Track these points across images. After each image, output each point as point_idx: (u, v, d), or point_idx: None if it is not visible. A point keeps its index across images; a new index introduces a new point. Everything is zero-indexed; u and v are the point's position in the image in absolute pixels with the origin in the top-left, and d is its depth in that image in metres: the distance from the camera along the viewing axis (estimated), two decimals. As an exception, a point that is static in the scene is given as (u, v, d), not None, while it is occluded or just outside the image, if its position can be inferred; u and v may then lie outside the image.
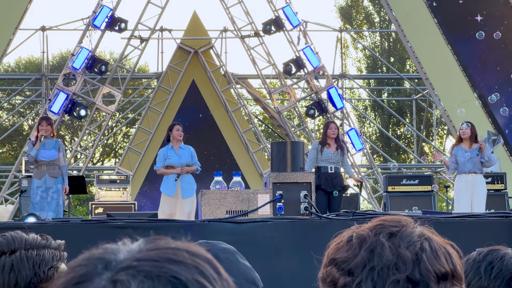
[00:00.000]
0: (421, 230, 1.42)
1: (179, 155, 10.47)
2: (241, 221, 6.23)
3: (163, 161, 10.48)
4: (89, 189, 25.79)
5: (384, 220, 1.42)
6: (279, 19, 17.95)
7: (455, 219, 6.49)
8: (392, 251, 1.35)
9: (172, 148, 10.54)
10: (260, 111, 29.87)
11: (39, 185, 10.54)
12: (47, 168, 10.58)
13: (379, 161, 29.34)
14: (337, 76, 21.03)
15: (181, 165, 10.38)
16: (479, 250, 2.26)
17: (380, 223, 1.41)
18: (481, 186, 10.54)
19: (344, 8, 33.86)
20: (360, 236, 1.38)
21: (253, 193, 7.40)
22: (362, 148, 17.77)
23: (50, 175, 10.57)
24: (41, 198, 10.51)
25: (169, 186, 10.37)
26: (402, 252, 1.35)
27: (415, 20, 16.48)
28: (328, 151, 10.47)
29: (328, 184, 10.24)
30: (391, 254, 1.35)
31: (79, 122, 30.37)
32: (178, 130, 10.59)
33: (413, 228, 1.41)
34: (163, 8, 18.28)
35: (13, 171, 17.25)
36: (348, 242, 1.38)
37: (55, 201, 10.54)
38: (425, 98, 22.49)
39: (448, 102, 16.26)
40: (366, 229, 1.40)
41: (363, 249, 1.36)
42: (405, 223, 1.42)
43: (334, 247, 1.40)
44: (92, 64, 17.01)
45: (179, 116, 18.12)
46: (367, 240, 1.37)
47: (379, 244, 1.36)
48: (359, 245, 1.37)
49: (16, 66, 33.79)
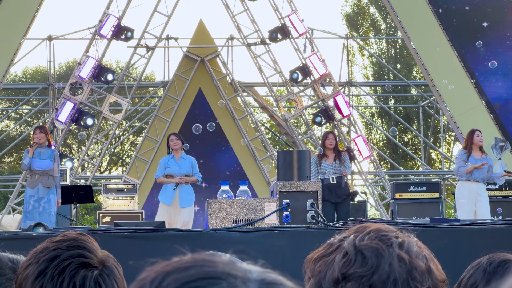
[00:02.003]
0: (415, 239, 1.41)
1: (179, 165, 10.50)
2: (248, 230, 6.22)
3: (163, 170, 10.52)
4: (96, 198, 25.81)
5: (380, 229, 1.39)
6: (285, 27, 17.95)
7: (463, 227, 6.47)
8: (410, 263, 1.33)
9: (173, 158, 10.57)
10: (267, 119, 29.86)
11: (32, 194, 10.48)
12: (41, 178, 10.50)
13: (386, 168, 29.28)
14: (343, 83, 21.01)
15: (180, 175, 10.40)
16: (490, 259, 2.22)
17: (381, 232, 1.38)
18: (484, 193, 10.55)
19: (350, 15, 33.86)
20: (371, 248, 1.34)
21: (259, 202, 7.39)
22: (369, 155, 17.75)
23: (44, 185, 10.49)
24: (33, 207, 10.44)
25: (167, 195, 10.41)
26: (416, 263, 1.33)
27: (421, 26, 16.45)
28: (325, 163, 10.57)
29: (332, 194, 10.28)
30: (410, 266, 1.32)
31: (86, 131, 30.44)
32: (172, 141, 10.67)
33: (409, 236, 1.40)
34: (169, 17, 18.30)
35: (21, 181, 17.26)
36: (359, 254, 1.34)
37: (47, 211, 10.46)
38: (432, 105, 22.45)
39: (455, 109, 16.23)
40: (369, 239, 1.36)
41: (383, 262, 1.32)
42: (396, 231, 1.40)
43: (341, 261, 1.36)
44: (98, 73, 17.02)
45: (186, 125, 18.12)
46: (383, 253, 1.34)
47: (396, 256, 1.33)
48: (377, 258, 1.34)
49: (23, 76, 33.87)
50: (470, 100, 16.10)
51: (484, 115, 15.95)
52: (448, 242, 6.30)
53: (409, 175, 24.54)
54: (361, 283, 1.31)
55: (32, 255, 1.81)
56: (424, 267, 1.33)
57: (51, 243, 1.82)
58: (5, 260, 2.11)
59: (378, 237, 1.36)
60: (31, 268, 1.77)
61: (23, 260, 1.88)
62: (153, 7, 18.15)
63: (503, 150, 14.54)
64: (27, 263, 1.79)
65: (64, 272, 1.77)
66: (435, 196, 13.42)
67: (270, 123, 29.22)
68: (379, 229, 1.39)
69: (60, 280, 1.76)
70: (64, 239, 1.82)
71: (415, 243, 1.38)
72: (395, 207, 13.24)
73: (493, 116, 15.96)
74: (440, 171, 22.43)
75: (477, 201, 10.42)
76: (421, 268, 1.33)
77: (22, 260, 1.99)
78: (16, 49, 16.57)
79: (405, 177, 24.59)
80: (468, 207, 10.42)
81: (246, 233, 6.12)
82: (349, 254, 1.34)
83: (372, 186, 18.94)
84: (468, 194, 10.47)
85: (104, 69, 17.38)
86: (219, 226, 7.22)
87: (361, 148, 17.59)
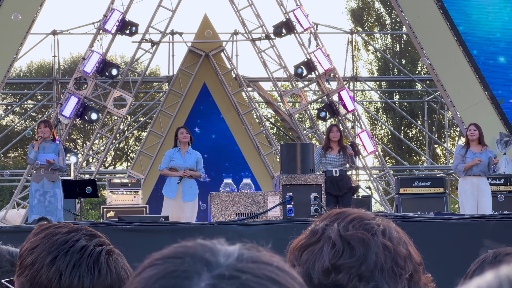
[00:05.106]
0: (393, 224, 1.44)
1: (184, 159, 10.48)
2: (251, 224, 6.21)
3: (167, 162, 10.50)
4: (100, 192, 25.84)
5: (361, 217, 1.41)
6: (290, 22, 17.92)
7: (467, 221, 6.45)
8: (394, 250, 1.35)
9: (179, 151, 10.55)
10: (272, 114, 29.86)
11: (37, 188, 10.48)
12: (46, 172, 10.50)
13: (391, 163, 29.25)
14: (348, 78, 20.98)
15: (184, 169, 10.38)
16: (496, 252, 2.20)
17: (364, 220, 1.40)
18: (486, 188, 10.52)
19: (355, 10, 33.80)
20: (358, 238, 1.36)
21: (263, 195, 7.38)
22: (373, 150, 17.72)
23: (48, 179, 10.49)
24: (38, 201, 10.44)
25: (171, 189, 10.40)
26: (399, 250, 1.36)
27: (426, 21, 16.42)
28: (330, 155, 10.57)
29: (334, 187, 10.27)
30: (394, 253, 1.35)
31: (90, 126, 30.45)
32: (182, 133, 10.62)
33: (388, 222, 1.43)
34: (173, 12, 18.28)
35: (25, 175, 17.27)
36: (346, 244, 1.36)
37: (54, 205, 10.46)
38: (437, 100, 22.41)
39: (460, 104, 16.19)
40: (354, 228, 1.38)
41: (370, 252, 1.35)
42: (376, 217, 1.43)
43: (331, 253, 1.37)
44: (103, 68, 17.02)
45: (190, 119, 18.13)
46: (369, 243, 1.35)
47: (381, 244, 1.36)
48: (364, 248, 1.35)
49: (27, 71, 33.90)
50: (475, 95, 16.06)
51: (489, 110, 15.92)
52: (453, 236, 6.29)
53: (413, 170, 24.50)
54: (350, 274, 1.34)
55: (47, 247, 1.76)
56: (405, 252, 1.37)
57: (61, 235, 1.78)
58: (3, 253, 2.09)
59: (362, 226, 1.39)
60: (59, 262, 1.73)
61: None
62: (157, 2, 18.14)
63: (508, 145, 14.52)
64: (48, 258, 1.74)
65: (99, 261, 1.74)
66: (439, 191, 13.39)
67: (274, 118, 29.20)
68: (361, 217, 1.42)
69: (97, 270, 1.73)
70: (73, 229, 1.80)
71: (394, 229, 1.41)
72: (400, 202, 13.21)
73: (498, 111, 15.92)
74: (445, 166, 22.40)
75: (479, 196, 10.40)
76: (403, 254, 1.36)
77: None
78: (20, 44, 16.57)
79: (410, 172, 24.56)
80: (471, 202, 10.39)
81: (249, 227, 6.10)
82: (337, 245, 1.36)
83: (377, 181, 18.92)
84: (470, 189, 10.45)
85: (109, 64, 17.37)
86: (222, 219, 7.21)
87: (366, 143, 17.57)
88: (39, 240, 1.76)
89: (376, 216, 1.44)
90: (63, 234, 1.77)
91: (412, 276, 1.37)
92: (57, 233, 1.78)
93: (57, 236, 1.77)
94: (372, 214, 1.45)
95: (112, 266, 1.75)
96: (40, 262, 1.74)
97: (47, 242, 1.75)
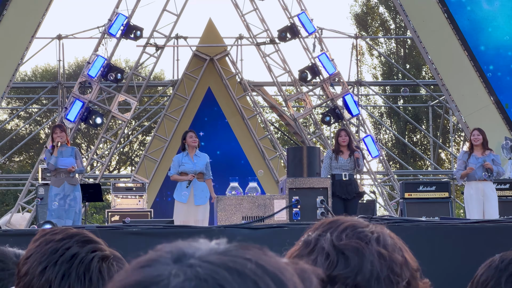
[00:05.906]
0: (387, 230, 1.42)
1: (193, 162, 10.46)
2: (258, 227, 6.20)
3: (177, 168, 10.48)
4: (105, 197, 25.85)
5: (354, 225, 1.39)
6: (295, 26, 17.92)
7: (474, 225, 6.43)
8: (390, 258, 1.34)
9: (187, 155, 10.53)
10: (276, 118, 29.84)
11: (58, 192, 10.59)
12: (66, 175, 10.63)
13: (395, 168, 29.22)
14: (352, 83, 20.96)
15: (194, 172, 10.35)
16: (503, 256, 2.20)
17: (357, 229, 1.38)
18: (492, 192, 10.47)
19: (360, 15, 33.81)
20: (352, 247, 1.35)
21: (269, 199, 7.37)
22: (378, 155, 17.70)
23: (69, 182, 10.62)
24: (58, 205, 10.54)
25: (182, 193, 10.37)
26: (395, 257, 1.35)
27: (431, 26, 16.41)
28: (341, 159, 10.55)
29: (342, 191, 10.25)
30: (390, 261, 1.34)
31: (95, 130, 30.46)
32: (191, 137, 10.59)
33: (381, 229, 1.41)
34: (178, 16, 18.29)
35: (30, 179, 17.28)
36: (340, 255, 1.35)
37: (73, 209, 10.59)
38: (441, 105, 22.38)
39: (465, 108, 16.17)
40: (347, 237, 1.37)
41: (365, 261, 1.34)
42: (369, 224, 1.42)
43: (325, 264, 1.36)
44: (107, 72, 17.03)
45: (195, 124, 18.12)
46: (364, 252, 1.34)
47: (376, 252, 1.34)
48: (359, 258, 1.34)
49: (32, 75, 33.94)
50: (480, 99, 16.04)
51: (494, 115, 15.89)
52: (459, 240, 6.27)
53: (418, 175, 24.47)
54: (346, 284, 1.33)
55: (39, 257, 1.75)
56: (402, 259, 1.36)
57: (54, 242, 1.77)
58: (10, 256, 2.10)
59: (355, 234, 1.37)
60: (49, 273, 1.73)
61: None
62: (162, 6, 18.16)
63: (513, 149, 14.47)
64: (38, 269, 1.73)
65: (90, 269, 1.73)
66: (444, 196, 13.34)
67: (279, 122, 29.20)
68: (354, 225, 1.40)
69: (88, 278, 1.72)
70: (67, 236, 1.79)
71: (388, 235, 1.40)
72: (405, 207, 13.18)
73: (503, 116, 15.89)
74: (449, 171, 22.36)
75: (485, 201, 10.36)
76: (399, 261, 1.35)
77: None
78: (25, 48, 16.59)
79: (414, 177, 24.53)
80: (476, 207, 10.36)
81: (256, 230, 6.10)
82: (331, 256, 1.35)
83: (381, 186, 18.90)
84: (475, 194, 10.41)
85: (113, 68, 17.39)
86: (228, 223, 7.20)
87: (371, 147, 17.55)
88: (34, 249, 1.76)
89: (370, 222, 1.43)
90: (56, 242, 1.76)
91: (409, 283, 1.36)
92: (51, 240, 1.77)
93: (49, 244, 1.76)
94: (365, 221, 1.44)
95: (105, 273, 1.73)
96: (31, 273, 1.73)
97: (39, 251, 1.75)
